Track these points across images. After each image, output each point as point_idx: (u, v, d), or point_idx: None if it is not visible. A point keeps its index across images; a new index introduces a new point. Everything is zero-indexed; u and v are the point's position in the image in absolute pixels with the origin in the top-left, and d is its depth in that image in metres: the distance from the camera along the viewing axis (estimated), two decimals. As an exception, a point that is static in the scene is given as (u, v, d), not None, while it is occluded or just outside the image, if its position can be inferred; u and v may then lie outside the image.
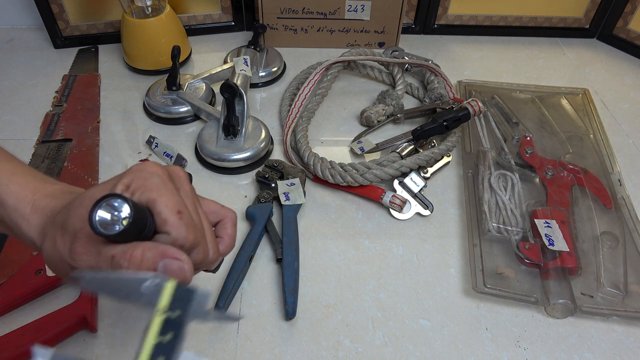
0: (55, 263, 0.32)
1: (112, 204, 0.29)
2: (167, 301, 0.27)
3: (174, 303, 0.27)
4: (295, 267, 0.55)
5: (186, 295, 0.27)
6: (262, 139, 0.69)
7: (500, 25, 0.97)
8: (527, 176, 0.66)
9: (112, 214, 0.29)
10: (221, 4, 0.94)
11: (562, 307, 0.51)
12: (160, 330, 0.26)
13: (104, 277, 0.28)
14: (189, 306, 0.27)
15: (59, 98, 0.80)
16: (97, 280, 0.29)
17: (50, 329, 0.48)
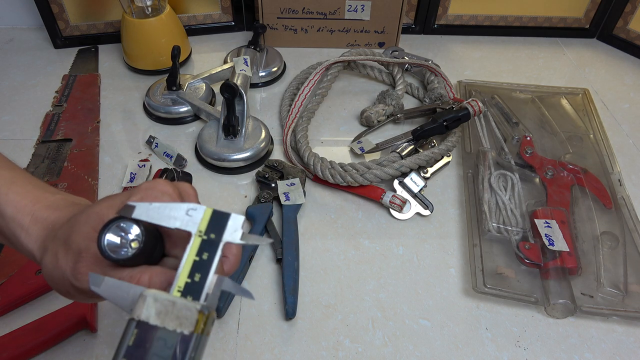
0: (55, 280, 0.32)
1: (122, 226, 0.30)
2: (205, 225, 0.30)
3: (211, 227, 0.30)
4: (295, 267, 0.55)
5: (222, 220, 0.30)
6: (262, 139, 0.69)
7: (500, 25, 0.97)
8: (527, 176, 0.66)
9: (122, 237, 0.30)
10: (221, 4, 0.94)
11: (562, 307, 0.51)
12: (198, 250, 0.30)
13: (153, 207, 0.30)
14: (224, 230, 0.30)
15: (59, 98, 0.80)
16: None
17: (50, 329, 0.48)
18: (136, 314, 0.27)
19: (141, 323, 0.27)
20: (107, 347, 0.49)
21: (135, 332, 0.27)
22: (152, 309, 0.27)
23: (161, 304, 0.27)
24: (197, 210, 0.30)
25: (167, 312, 0.27)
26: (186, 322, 0.27)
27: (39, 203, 0.34)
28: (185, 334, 0.27)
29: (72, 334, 0.49)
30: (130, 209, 0.30)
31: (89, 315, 0.49)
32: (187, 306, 0.27)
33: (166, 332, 0.27)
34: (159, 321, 0.27)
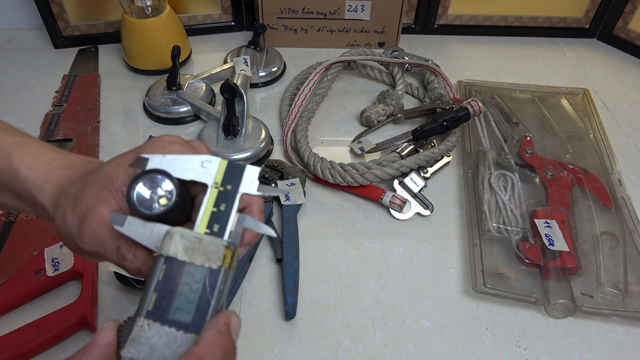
0: (63, 237, 0.32)
1: (154, 180, 0.29)
2: (221, 176, 0.30)
3: (226, 178, 0.30)
4: (295, 267, 0.55)
5: (237, 171, 0.31)
6: (262, 139, 0.69)
7: (500, 25, 0.97)
8: (527, 176, 0.66)
9: (152, 191, 0.29)
10: (221, 4, 0.94)
11: (562, 307, 0.51)
12: (215, 201, 0.30)
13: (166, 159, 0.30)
14: (240, 181, 0.30)
15: (59, 98, 0.80)
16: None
17: (50, 329, 0.48)
18: (164, 250, 0.28)
19: (169, 259, 0.28)
20: (107, 347, 0.49)
21: (164, 267, 0.27)
22: (180, 246, 0.28)
23: (188, 241, 0.28)
24: (212, 162, 0.31)
25: (194, 248, 0.28)
26: (213, 257, 0.28)
27: (53, 163, 0.34)
28: (213, 268, 0.27)
29: (72, 334, 0.49)
30: (143, 161, 0.30)
31: (89, 315, 0.49)
32: (214, 242, 0.28)
33: (194, 267, 0.27)
34: (187, 257, 0.28)
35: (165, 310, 0.27)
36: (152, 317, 0.27)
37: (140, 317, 0.27)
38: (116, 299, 0.53)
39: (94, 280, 0.53)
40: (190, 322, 0.27)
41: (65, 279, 0.53)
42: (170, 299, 0.27)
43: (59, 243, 0.55)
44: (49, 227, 0.58)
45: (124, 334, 0.27)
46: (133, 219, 0.29)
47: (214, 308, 0.27)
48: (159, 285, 0.27)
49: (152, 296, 0.27)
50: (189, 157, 0.31)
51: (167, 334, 0.26)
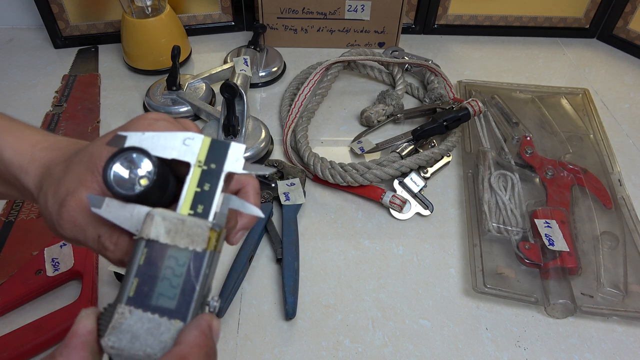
0: (46, 220, 0.31)
1: (132, 159, 0.27)
2: (204, 154, 0.29)
3: (210, 156, 0.29)
4: (295, 267, 0.55)
5: (221, 149, 0.29)
6: (262, 139, 0.69)
7: (500, 25, 0.97)
8: (527, 176, 0.66)
9: (130, 170, 0.27)
10: (221, 4, 0.94)
11: (562, 307, 0.51)
12: (199, 181, 0.28)
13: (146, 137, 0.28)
14: (224, 159, 0.29)
15: (58, 98, 0.80)
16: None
17: (50, 329, 0.48)
18: (145, 233, 0.26)
19: (150, 242, 0.26)
20: (107, 347, 0.49)
21: (145, 251, 0.26)
22: (161, 228, 0.26)
23: (170, 222, 0.26)
24: (195, 139, 0.29)
25: (177, 230, 0.26)
26: (198, 240, 0.26)
27: (38, 145, 0.33)
28: (198, 251, 0.26)
29: (72, 334, 0.49)
30: (121, 139, 0.28)
31: (89, 315, 0.49)
32: (198, 224, 0.27)
33: (177, 250, 0.26)
34: (169, 239, 0.26)
35: (147, 296, 0.26)
36: (133, 304, 0.25)
37: (120, 303, 0.26)
38: (116, 299, 0.53)
39: (94, 280, 0.53)
40: (175, 308, 0.26)
41: (65, 279, 0.53)
42: (152, 284, 0.26)
43: (59, 243, 0.55)
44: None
45: (104, 322, 0.26)
46: (112, 201, 0.28)
47: (200, 293, 0.26)
48: (140, 270, 0.26)
49: (133, 281, 0.26)
50: (169, 134, 0.29)
51: (150, 321, 0.25)
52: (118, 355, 0.25)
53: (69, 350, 0.25)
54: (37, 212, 0.60)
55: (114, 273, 0.52)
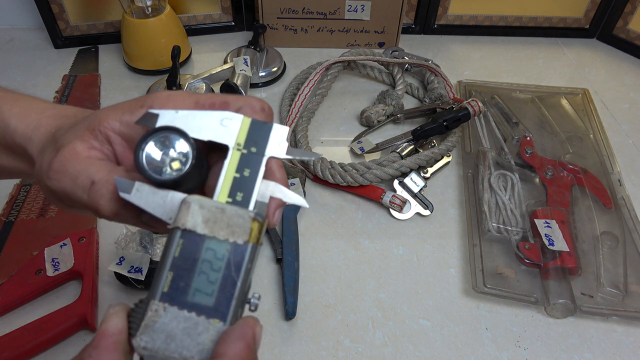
0: (39, 180, 0.28)
1: (165, 139, 0.25)
2: (244, 136, 0.26)
3: (250, 139, 0.26)
4: (295, 267, 0.55)
5: (263, 131, 0.26)
6: (262, 139, 0.69)
7: (500, 25, 0.97)
8: (527, 176, 0.66)
9: (164, 153, 0.25)
10: (221, 4, 0.94)
11: (562, 307, 0.51)
12: (238, 165, 0.26)
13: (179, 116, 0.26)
14: (266, 142, 0.26)
15: (59, 98, 0.80)
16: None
17: (50, 329, 0.48)
18: (180, 222, 0.24)
19: (187, 232, 0.24)
20: (107, 347, 0.49)
21: (180, 242, 0.24)
22: (199, 217, 0.24)
23: (208, 211, 0.24)
24: (233, 119, 0.26)
25: (215, 219, 0.24)
26: (239, 231, 0.24)
27: (45, 112, 0.31)
28: (239, 243, 0.24)
29: (72, 334, 0.49)
30: (152, 117, 0.26)
31: (89, 315, 0.49)
32: (239, 213, 0.24)
33: (216, 242, 0.24)
34: (207, 230, 0.24)
35: (183, 291, 0.23)
36: (168, 300, 0.23)
37: (154, 300, 0.23)
38: (116, 299, 0.53)
39: (94, 280, 0.53)
40: (213, 306, 0.23)
41: (65, 279, 0.53)
42: (188, 278, 0.23)
43: (59, 243, 0.55)
44: (49, 227, 0.58)
45: (135, 320, 0.23)
46: (142, 186, 0.25)
47: (241, 289, 0.24)
48: (175, 263, 0.24)
49: (167, 275, 0.24)
50: (206, 113, 0.26)
51: (187, 320, 0.23)
52: (151, 357, 0.23)
53: (99, 351, 0.22)
54: (37, 212, 0.60)
55: (114, 273, 0.52)
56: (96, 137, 0.27)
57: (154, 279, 0.24)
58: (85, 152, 0.27)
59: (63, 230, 0.57)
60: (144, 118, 0.26)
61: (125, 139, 0.28)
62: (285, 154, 0.26)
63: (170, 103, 0.27)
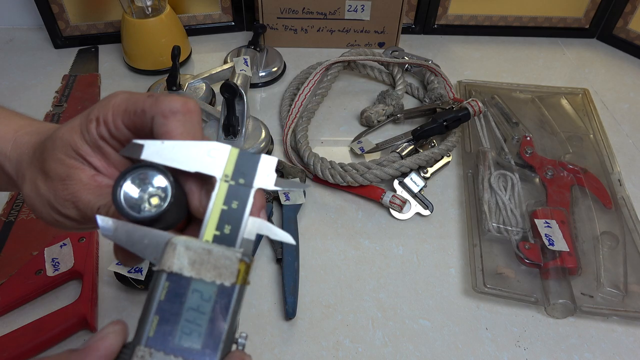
0: (38, 208, 0.30)
1: (145, 175, 0.25)
2: (232, 168, 0.26)
3: (238, 170, 0.26)
4: (295, 267, 0.55)
5: (251, 162, 0.26)
6: (262, 139, 0.69)
7: (500, 25, 0.97)
8: (527, 176, 0.66)
9: (141, 189, 0.25)
10: (221, 4, 0.94)
11: (562, 307, 0.51)
12: (225, 197, 0.26)
13: (165, 147, 0.26)
14: (254, 173, 0.26)
15: (59, 98, 0.80)
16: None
17: (50, 329, 0.48)
18: (166, 265, 0.24)
19: (173, 275, 0.24)
20: (107, 347, 0.49)
21: (166, 285, 0.24)
22: (185, 259, 0.24)
23: (195, 253, 0.24)
24: (221, 150, 0.26)
25: (202, 261, 0.24)
26: (226, 273, 0.24)
27: (22, 130, 0.32)
28: (226, 285, 0.24)
29: (72, 334, 0.49)
30: (137, 148, 0.26)
31: (89, 315, 0.49)
32: (226, 254, 0.24)
33: (203, 284, 0.24)
34: (193, 272, 0.24)
35: (169, 335, 0.23)
36: (154, 345, 0.23)
37: (139, 345, 0.23)
38: (116, 299, 0.53)
39: (94, 280, 0.53)
40: (201, 349, 0.23)
41: (65, 279, 0.53)
42: (175, 322, 0.23)
43: (59, 243, 0.55)
44: (49, 227, 0.58)
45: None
46: (123, 224, 0.25)
47: (228, 331, 0.24)
48: (161, 307, 0.23)
49: (153, 319, 0.23)
50: (192, 144, 0.26)
51: None
52: None
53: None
54: (37, 212, 0.60)
55: (114, 273, 0.52)
56: (81, 163, 0.29)
57: (139, 323, 0.24)
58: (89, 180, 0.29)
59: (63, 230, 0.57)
60: (128, 149, 0.26)
61: (98, 151, 0.29)
62: (274, 185, 0.26)
63: (109, 111, 0.28)
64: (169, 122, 0.26)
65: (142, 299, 0.53)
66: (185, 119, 0.27)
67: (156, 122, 0.27)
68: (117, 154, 0.30)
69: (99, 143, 0.29)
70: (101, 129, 0.28)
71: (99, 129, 0.28)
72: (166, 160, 0.26)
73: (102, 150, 0.29)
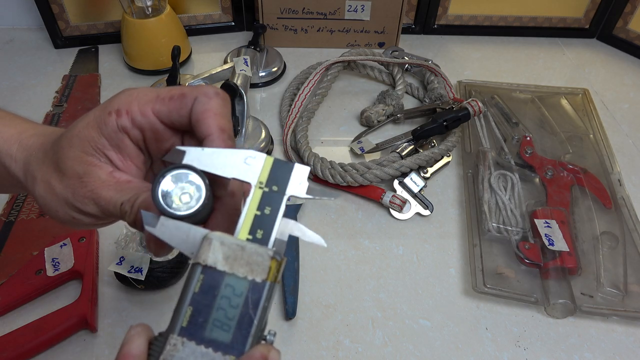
0: (53, 208, 0.30)
1: (179, 175, 0.27)
2: (266, 175, 0.27)
3: (272, 178, 0.27)
4: (295, 267, 0.55)
5: (284, 170, 0.27)
6: (262, 139, 0.69)
7: (500, 25, 0.97)
8: (527, 176, 0.66)
9: (176, 187, 0.27)
10: (221, 4, 0.94)
11: (562, 307, 0.51)
12: (259, 203, 0.27)
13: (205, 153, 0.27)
14: (287, 181, 0.27)
15: (59, 98, 0.80)
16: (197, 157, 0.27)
17: (50, 329, 0.48)
18: (202, 258, 0.25)
19: (207, 268, 0.25)
20: (107, 347, 0.49)
21: (201, 277, 0.25)
22: (219, 253, 0.25)
23: (229, 248, 0.25)
24: (256, 158, 0.27)
25: (235, 257, 0.25)
26: (258, 269, 0.25)
27: (26, 132, 0.33)
28: (257, 281, 0.25)
29: (72, 334, 0.49)
30: (179, 154, 0.27)
31: (89, 315, 0.49)
32: (258, 251, 0.25)
33: (235, 279, 0.25)
34: (227, 267, 0.25)
35: (201, 327, 0.24)
36: (186, 335, 0.24)
37: (173, 334, 0.24)
38: (116, 299, 0.53)
39: (94, 280, 0.53)
40: (230, 342, 0.24)
41: (65, 279, 0.53)
42: (207, 314, 0.24)
43: (59, 243, 0.55)
44: (49, 227, 0.58)
45: (154, 354, 0.24)
46: (166, 220, 0.26)
47: (257, 327, 0.24)
48: (195, 298, 0.24)
49: (187, 310, 0.24)
50: (230, 151, 0.27)
51: (204, 355, 0.24)
52: None
53: None
54: (37, 212, 0.60)
55: (114, 273, 0.52)
56: (99, 159, 0.29)
57: (174, 312, 0.25)
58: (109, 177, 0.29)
59: (63, 230, 0.57)
60: (171, 154, 0.28)
61: (115, 145, 0.30)
62: (306, 193, 0.27)
63: (133, 102, 0.29)
64: (212, 100, 0.29)
65: (142, 299, 0.53)
66: (223, 103, 0.29)
67: (199, 101, 0.29)
68: (132, 145, 0.31)
69: (117, 135, 0.29)
70: (122, 120, 0.29)
71: (119, 120, 0.29)
72: (205, 166, 0.27)
73: (120, 144, 0.30)
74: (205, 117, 0.28)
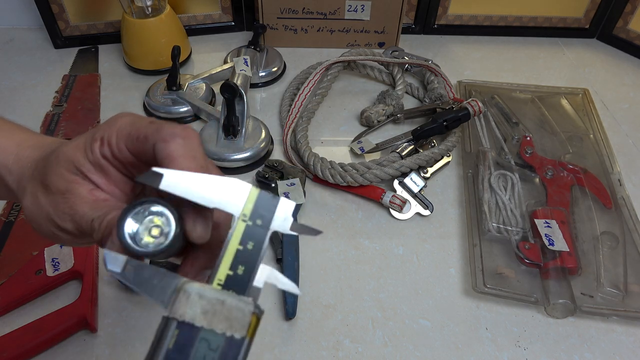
0: (38, 221, 0.30)
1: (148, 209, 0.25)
2: (250, 208, 0.26)
3: (257, 211, 0.26)
4: (295, 267, 0.55)
5: (269, 203, 0.26)
6: (262, 139, 0.69)
7: (500, 25, 0.97)
8: (527, 176, 0.66)
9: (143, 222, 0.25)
10: (221, 4, 0.94)
11: (562, 307, 0.51)
12: (242, 238, 0.25)
13: (185, 178, 0.25)
14: (272, 215, 0.26)
15: (59, 98, 0.80)
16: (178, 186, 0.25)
17: (50, 329, 0.48)
18: (178, 313, 0.23)
19: (184, 324, 0.23)
20: (107, 347, 0.49)
21: (175, 332, 0.23)
22: (198, 308, 0.23)
23: (208, 302, 0.23)
24: (241, 188, 0.26)
25: (215, 312, 0.23)
26: (237, 325, 0.23)
27: (24, 143, 0.33)
28: (236, 337, 0.23)
29: (72, 334, 0.49)
30: (156, 177, 0.25)
31: (89, 315, 0.49)
32: (239, 307, 0.24)
33: (211, 334, 0.23)
34: (205, 322, 0.23)
35: None
36: None
37: None
38: (116, 299, 0.53)
39: (94, 280, 0.53)
40: None
41: (65, 279, 0.53)
42: None
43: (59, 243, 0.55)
44: (49, 227, 0.58)
45: None
46: (131, 261, 0.25)
47: None
48: (169, 356, 0.23)
49: None
50: (212, 178, 0.25)
51: None
52: None
53: None
54: (37, 212, 0.60)
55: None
56: (82, 178, 0.29)
57: None
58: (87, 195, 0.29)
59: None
60: (147, 176, 0.26)
61: (100, 170, 0.30)
62: (290, 229, 0.26)
63: (113, 134, 0.29)
64: (170, 145, 0.27)
65: (142, 299, 0.53)
66: (185, 142, 0.27)
67: (158, 148, 0.27)
68: (117, 173, 0.30)
69: (101, 162, 0.30)
70: (104, 149, 0.29)
71: (102, 148, 0.29)
72: (184, 193, 0.25)
73: (104, 169, 0.30)
74: (167, 164, 0.27)
